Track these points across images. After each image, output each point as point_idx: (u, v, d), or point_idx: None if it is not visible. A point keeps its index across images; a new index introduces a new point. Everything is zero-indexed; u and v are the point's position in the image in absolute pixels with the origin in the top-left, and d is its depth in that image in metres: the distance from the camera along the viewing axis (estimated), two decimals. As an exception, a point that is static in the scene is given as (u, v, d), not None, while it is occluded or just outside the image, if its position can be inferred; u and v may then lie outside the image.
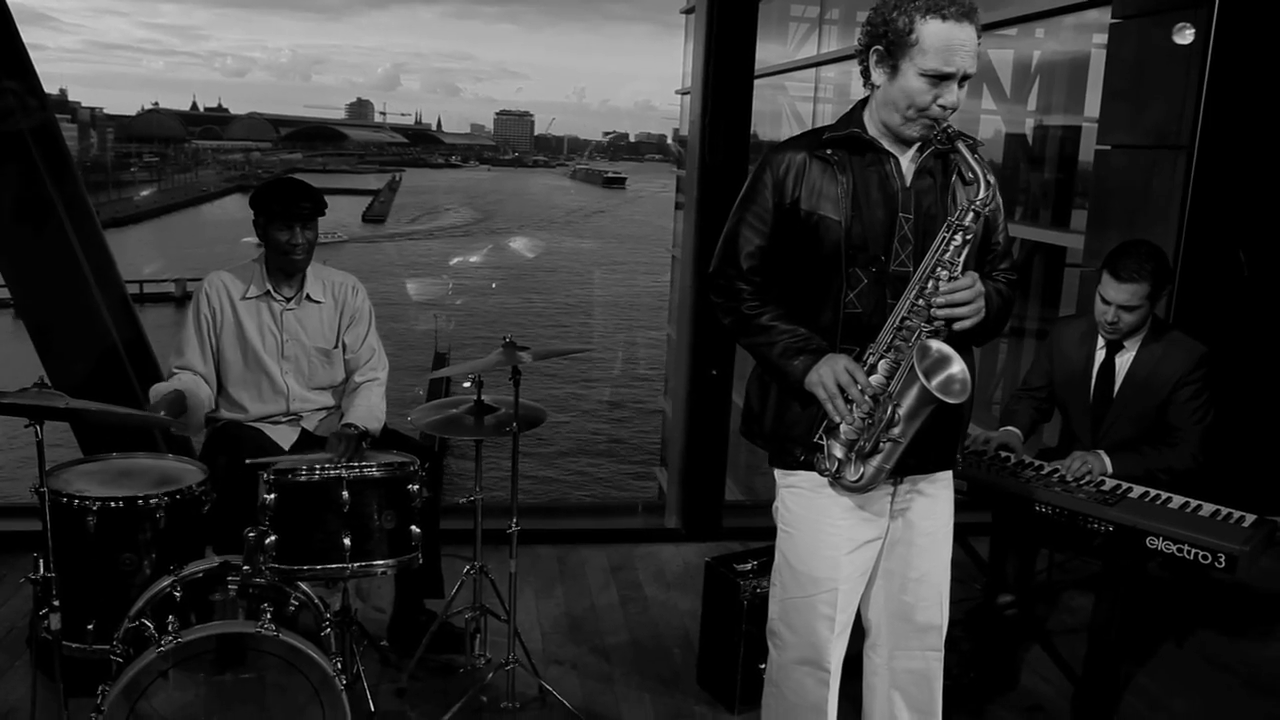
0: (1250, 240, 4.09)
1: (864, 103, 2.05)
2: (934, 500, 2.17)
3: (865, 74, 2.00)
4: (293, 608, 2.40)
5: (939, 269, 1.92)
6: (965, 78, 1.91)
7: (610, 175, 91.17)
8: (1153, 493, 2.77)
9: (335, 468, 2.30)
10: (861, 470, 1.95)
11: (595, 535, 4.11)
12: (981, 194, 1.91)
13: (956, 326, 1.90)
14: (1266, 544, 2.62)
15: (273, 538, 2.28)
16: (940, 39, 1.86)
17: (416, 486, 2.42)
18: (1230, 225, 4.09)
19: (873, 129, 2.01)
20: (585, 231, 61.42)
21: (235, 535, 2.33)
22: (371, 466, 2.35)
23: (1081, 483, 2.82)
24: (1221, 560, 2.47)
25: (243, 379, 2.99)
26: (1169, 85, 4.17)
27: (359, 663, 2.78)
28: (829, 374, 1.93)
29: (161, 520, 2.48)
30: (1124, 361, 3.04)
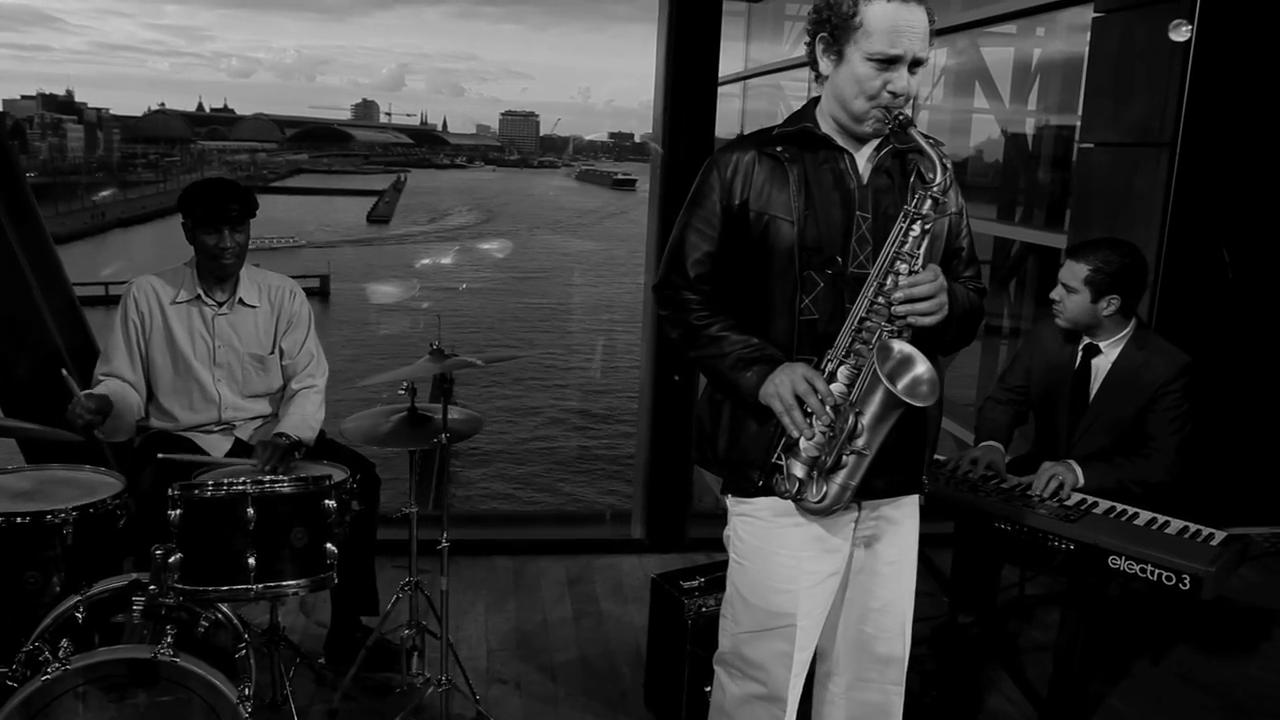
0: (1235, 240, 3.95)
1: (818, 99, 1.92)
2: (898, 526, 2.02)
3: (814, 64, 1.88)
4: (203, 628, 2.28)
5: (898, 262, 1.78)
6: (917, 63, 1.78)
7: (620, 176, 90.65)
8: (1119, 508, 2.63)
9: (241, 483, 2.18)
10: (824, 489, 1.79)
11: (556, 546, 3.98)
12: (938, 178, 1.76)
13: (919, 323, 1.76)
14: (1236, 563, 2.48)
15: (178, 556, 2.16)
16: (886, 20, 1.74)
17: (333, 502, 2.29)
18: (1214, 225, 3.95)
19: (825, 125, 1.89)
20: (598, 233, 61.51)
21: None
22: (281, 482, 2.23)
23: (1056, 498, 2.68)
24: (1186, 581, 2.33)
25: (173, 386, 2.88)
26: (1151, 81, 4.03)
27: (288, 682, 2.67)
28: (786, 383, 1.77)
29: (69, 536, 2.36)
30: (1101, 365, 2.90)
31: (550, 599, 3.58)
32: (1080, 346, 2.92)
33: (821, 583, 1.95)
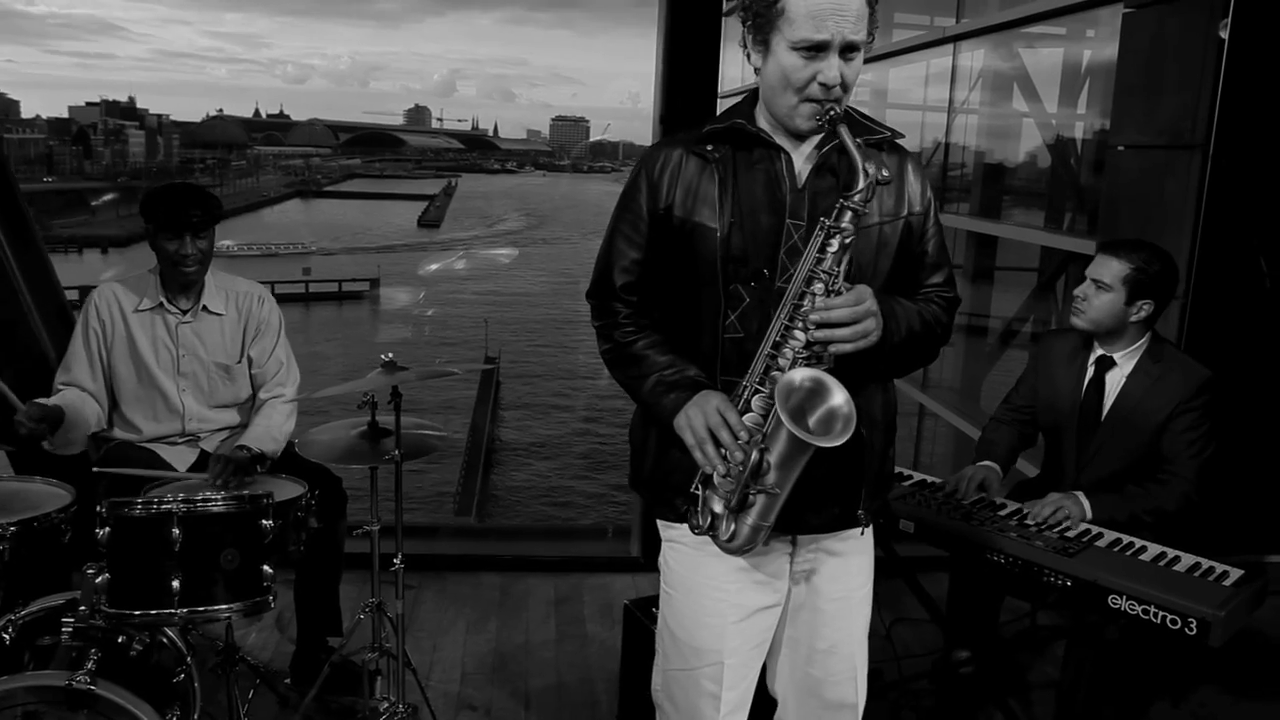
0: (1272, 248, 3.69)
1: (757, 92, 1.75)
2: (844, 561, 1.84)
3: (748, 57, 1.71)
4: (137, 650, 2.19)
5: (814, 281, 1.60)
6: (850, 48, 1.59)
7: None
8: (1124, 541, 2.42)
9: (168, 502, 2.07)
10: (733, 529, 1.63)
11: (547, 563, 3.84)
12: (859, 186, 1.57)
13: (838, 350, 1.58)
14: (1253, 603, 2.25)
15: (105, 577, 2.06)
16: (808, 3, 1.56)
17: (270, 522, 2.18)
18: (1249, 231, 3.69)
19: (763, 121, 1.72)
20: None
21: None
22: (214, 501, 2.12)
23: (1055, 528, 2.48)
24: (1193, 625, 2.11)
25: (136, 397, 2.80)
26: (1183, 79, 3.79)
27: (245, 704, 2.57)
28: (698, 416, 1.62)
29: (7, 552, 2.27)
30: (1115, 381, 2.69)
31: (535, 619, 3.44)
32: (1092, 359, 2.71)
33: (750, 618, 1.79)
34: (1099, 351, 2.72)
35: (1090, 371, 2.74)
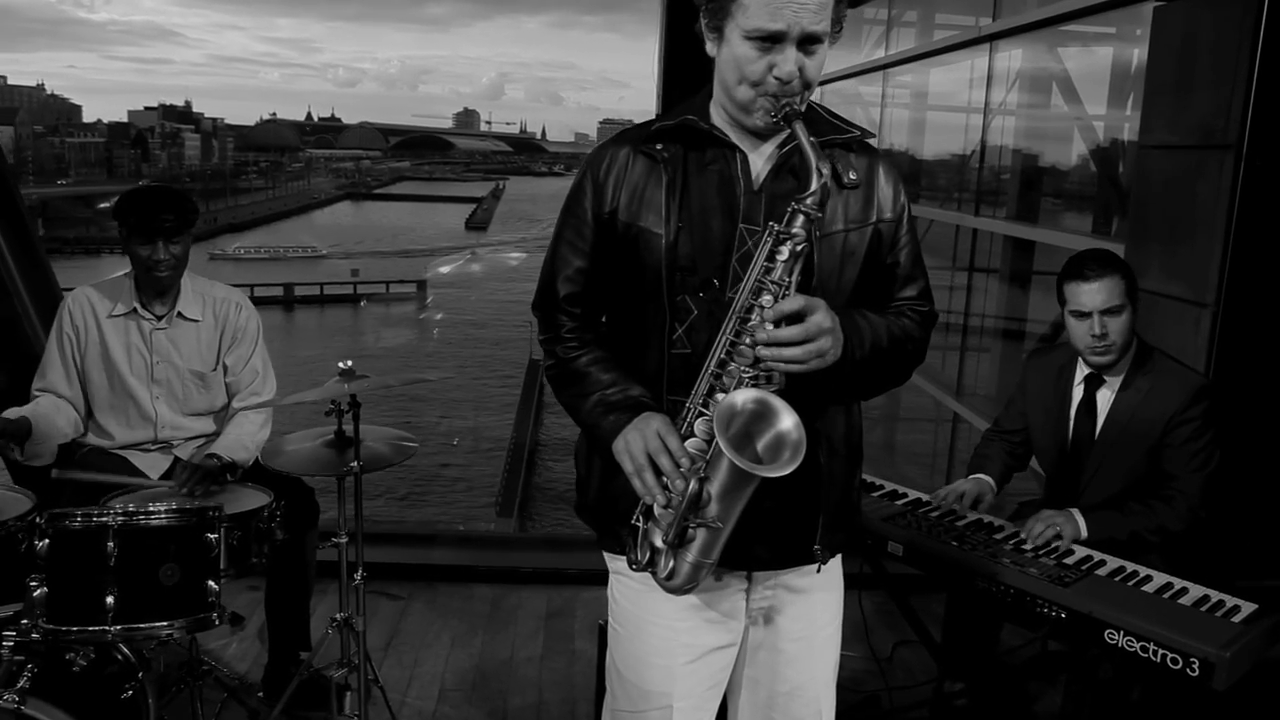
0: (1311, 255, 3.47)
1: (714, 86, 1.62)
2: (806, 598, 1.70)
3: (705, 45, 1.58)
4: (80, 666, 2.12)
5: (763, 293, 1.45)
6: (811, 40, 1.46)
7: None
8: (1129, 569, 2.25)
9: (105, 514, 2.00)
10: (671, 565, 1.49)
11: (541, 576, 3.74)
12: (812, 188, 1.44)
13: (788, 370, 1.44)
14: (1266, 642, 2.07)
15: (43, 591, 2.00)
16: None
17: (217, 535, 2.10)
18: (1286, 237, 3.47)
19: (718, 118, 1.59)
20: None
21: None
22: (155, 514, 2.04)
23: (1054, 554, 2.32)
24: (1195, 666, 1.94)
25: (109, 404, 2.75)
26: (1216, 76, 3.58)
27: (212, 719, 2.51)
28: (637, 440, 1.49)
29: (-40, 560, 2.23)
30: (1106, 398, 2.52)
31: (523, 634, 3.34)
32: (1080, 379, 2.54)
33: (702, 658, 1.66)
34: (1085, 370, 2.55)
35: (1079, 392, 2.57)
